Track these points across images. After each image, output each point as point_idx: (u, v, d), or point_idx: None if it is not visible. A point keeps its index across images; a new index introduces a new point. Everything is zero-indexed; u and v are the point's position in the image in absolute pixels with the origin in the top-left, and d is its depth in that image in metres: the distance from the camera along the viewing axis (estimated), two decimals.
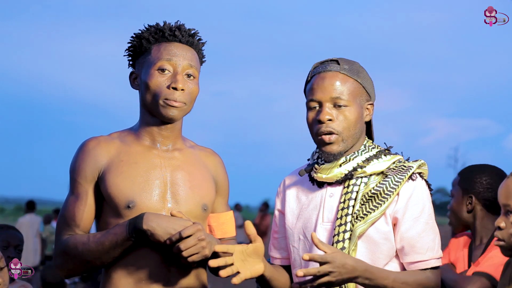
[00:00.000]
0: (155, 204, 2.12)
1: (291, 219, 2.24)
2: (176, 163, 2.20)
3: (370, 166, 2.15)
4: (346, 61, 2.19)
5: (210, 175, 2.26)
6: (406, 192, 2.13)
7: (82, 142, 2.19)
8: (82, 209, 2.14)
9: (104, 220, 2.16)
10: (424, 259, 2.13)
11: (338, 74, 2.15)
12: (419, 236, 2.12)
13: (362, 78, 2.17)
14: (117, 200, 2.10)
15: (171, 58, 2.15)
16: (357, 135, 2.16)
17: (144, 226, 2.02)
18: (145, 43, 2.19)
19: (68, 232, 2.15)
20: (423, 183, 2.17)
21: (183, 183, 2.17)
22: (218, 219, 2.28)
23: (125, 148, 2.18)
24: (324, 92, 2.14)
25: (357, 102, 2.15)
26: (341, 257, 1.98)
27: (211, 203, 2.23)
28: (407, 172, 2.14)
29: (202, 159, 2.28)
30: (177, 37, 2.18)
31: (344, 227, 2.10)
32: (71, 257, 2.12)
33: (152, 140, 2.20)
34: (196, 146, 2.32)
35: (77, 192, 2.16)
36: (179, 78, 2.14)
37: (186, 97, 2.15)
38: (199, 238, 2.01)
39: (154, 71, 2.15)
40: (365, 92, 2.17)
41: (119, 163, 2.14)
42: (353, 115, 2.14)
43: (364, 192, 2.12)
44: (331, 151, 2.14)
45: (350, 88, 2.14)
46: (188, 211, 2.15)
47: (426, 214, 2.14)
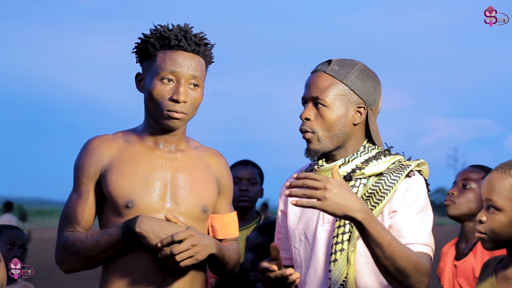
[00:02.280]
0: (154, 204, 2.13)
1: (293, 220, 2.24)
2: (177, 164, 2.20)
3: (369, 167, 2.14)
4: (340, 62, 2.18)
5: (213, 176, 2.26)
6: (403, 187, 2.10)
7: (87, 141, 2.22)
8: (84, 207, 2.17)
9: (105, 218, 2.18)
10: (410, 242, 2.03)
11: (323, 75, 2.16)
12: (405, 221, 2.05)
13: (353, 80, 2.15)
14: (116, 199, 2.12)
15: (174, 70, 2.15)
16: (341, 137, 2.15)
17: (136, 229, 2.03)
18: (151, 48, 2.19)
19: (70, 228, 2.17)
20: (420, 179, 2.15)
21: (183, 184, 2.18)
22: (221, 220, 2.29)
23: (128, 147, 2.19)
24: (308, 91, 2.18)
25: (340, 104, 2.14)
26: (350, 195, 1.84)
27: (211, 205, 2.23)
28: (404, 170, 2.12)
29: (206, 160, 2.28)
30: (183, 46, 2.17)
31: (343, 229, 2.10)
32: (70, 254, 2.14)
33: (155, 141, 2.22)
34: (201, 147, 2.32)
35: (79, 190, 2.18)
36: (181, 90, 2.14)
37: (188, 108, 2.16)
38: (192, 243, 2.02)
39: (157, 81, 2.16)
40: (355, 94, 2.15)
41: (121, 163, 2.16)
42: (333, 116, 2.13)
43: (362, 193, 2.12)
44: (307, 148, 2.17)
45: (332, 89, 2.14)
46: (187, 212, 2.15)
47: (418, 205, 2.08)
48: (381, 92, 2.22)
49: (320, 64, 2.21)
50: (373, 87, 2.19)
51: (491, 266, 2.07)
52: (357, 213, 1.84)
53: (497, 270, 2.03)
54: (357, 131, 2.19)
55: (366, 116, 2.18)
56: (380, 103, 2.23)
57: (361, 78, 2.17)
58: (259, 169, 3.74)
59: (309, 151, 2.17)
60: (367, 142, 2.21)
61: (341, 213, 1.83)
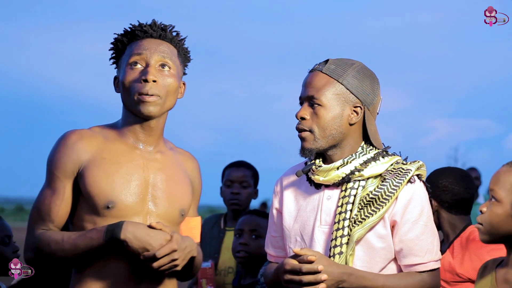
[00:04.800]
0: (134, 205, 2.08)
1: (288, 220, 2.23)
2: (158, 166, 2.15)
3: (368, 169, 2.13)
4: (337, 61, 2.17)
5: (188, 179, 2.23)
6: (405, 195, 2.11)
7: (63, 134, 2.13)
8: (59, 204, 2.09)
9: (79, 216, 2.11)
10: (423, 261, 2.11)
11: (319, 74, 2.16)
12: (418, 239, 2.11)
13: (349, 80, 2.14)
14: (96, 199, 2.06)
15: (141, 52, 2.12)
16: (336, 136, 2.14)
17: (121, 236, 1.98)
18: (120, 45, 2.18)
19: (42, 226, 2.10)
20: (421, 185, 2.16)
21: (163, 186, 2.14)
22: (188, 223, 2.24)
23: (108, 145, 2.13)
24: (304, 90, 2.18)
25: (336, 103, 2.13)
26: (327, 265, 2.01)
27: (188, 208, 2.20)
28: (405, 175, 2.12)
29: (182, 163, 2.24)
30: (148, 32, 2.15)
31: (342, 232, 2.09)
32: (43, 254, 2.07)
33: (136, 139, 2.15)
34: (175, 148, 2.28)
35: (54, 186, 2.10)
36: (149, 69, 2.09)
37: (161, 90, 2.10)
38: (173, 258, 1.99)
39: (127, 69, 2.12)
40: (351, 94, 2.14)
41: (102, 161, 2.09)
42: (329, 115, 2.13)
43: (362, 195, 2.11)
44: (302, 147, 2.16)
45: (328, 88, 2.13)
46: (165, 215, 2.12)
47: (425, 216, 2.13)
48: (379, 92, 2.20)
49: (317, 64, 2.20)
50: (371, 86, 2.17)
51: (490, 268, 2.07)
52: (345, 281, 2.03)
53: (497, 272, 2.03)
54: (354, 131, 2.17)
55: (363, 116, 2.17)
56: (379, 103, 2.21)
57: (358, 77, 2.15)
58: (252, 170, 3.71)
59: (303, 150, 2.16)
60: (364, 142, 2.20)
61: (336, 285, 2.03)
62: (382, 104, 2.23)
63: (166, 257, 1.99)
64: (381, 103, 2.22)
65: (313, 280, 1.98)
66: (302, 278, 1.99)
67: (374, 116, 2.20)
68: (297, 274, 2.00)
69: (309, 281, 1.98)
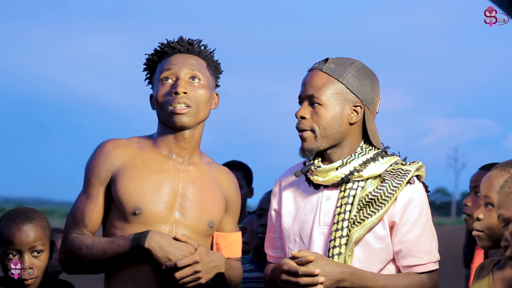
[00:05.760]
0: (161, 214, 2.12)
1: (287, 221, 2.23)
2: (189, 177, 2.19)
3: (367, 169, 2.13)
4: (337, 60, 2.17)
5: (222, 193, 2.26)
6: (404, 196, 2.11)
7: (101, 143, 2.21)
8: (92, 209, 2.16)
9: (110, 222, 2.17)
10: (422, 263, 2.12)
11: (319, 73, 2.15)
12: (417, 240, 2.11)
13: (349, 79, 2.13)
14: (125, 205, 2.11)
15: (171, 67, 2.18)
16: (336, 136, 2.14)
17: (146, 245, 2.03)
18: (152, 64, 2.25)
19: (76, 231, 2.17)
20: (420, 186, 2.16)
21: (192, 197, 2.17)
22: (227, 238, 2.28)
23: (142, 154, 2.19)
24: (303, 89, 2.17)
25: (336, 102, 2.13)
26: (326, 264, 2.01)
27: (218, 221, 2.23)
28: (405, 176, 2.12)
29: (216, 177, 2.27)
30: (176, 48, 2.22)
31: (341, 232, 2.09)
32: (75, 257, 2.14)
33: (169, 149, 2.20)
34: (213, 163, 2.32)
35: (89, 192, 2.18)
36: (180, 82, 2.15)
37: (192, 101, 2.15)
38: (195, 270, 2.02)
39: (159, 85, 2.19)
40: (351, 93, 2.14)
41: (133, 168, 2.15)
42: (329, 114, 2.12)
43: (361, 196, 2.11)
44: (303, 147, 2.16)
45: (328, 87, 2.13)
46: (193, 225, 2.15)
47: (424, 217, 2.13)
48: (379, 91, 2.20)
49: (317, 63, 2.19)
50: (371, 86, 2.16)
51: (487, 268, 2.07)
52: (345, 280, 2.04)
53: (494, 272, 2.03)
54: (354, 130, 2.17)
55: (363, 116, 2.16)
56: (378, 102, 2.20)
57: (358, 76, 2.15)
58: (243, 170, 3.68)
59: (303, 150, 2.16)
60: (364, 142, 2.20)
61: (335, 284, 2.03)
62: (382, 103, 2.23)
63: (188, 269, 2.02)
64: (381, 103, 2.22)
65: (310, 282, 1.98)
66: (299, 280, 1.99)
67: (374, 115, 2.20)
68: (294, 275, 2.00)
69: (306, 283, 1.98)
